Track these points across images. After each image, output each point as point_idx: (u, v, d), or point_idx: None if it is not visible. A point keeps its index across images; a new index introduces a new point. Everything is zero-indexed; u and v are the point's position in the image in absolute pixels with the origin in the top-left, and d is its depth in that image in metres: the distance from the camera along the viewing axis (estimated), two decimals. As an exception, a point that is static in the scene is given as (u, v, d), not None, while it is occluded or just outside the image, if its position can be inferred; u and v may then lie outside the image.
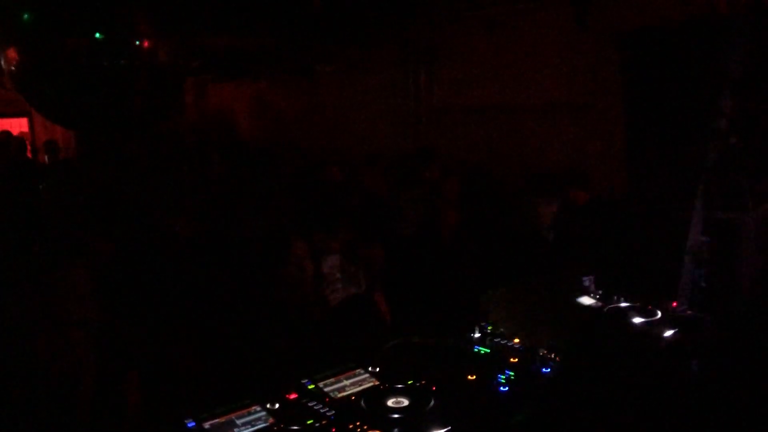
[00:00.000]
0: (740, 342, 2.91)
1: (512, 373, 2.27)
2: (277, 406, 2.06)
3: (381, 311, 3.09)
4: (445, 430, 1.94)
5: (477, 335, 2.62)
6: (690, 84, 4.54)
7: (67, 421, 2.32)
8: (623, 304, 2.92)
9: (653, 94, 4.77)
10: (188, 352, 3.19)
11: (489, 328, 2.69)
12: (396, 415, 1.99)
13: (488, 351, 2.49)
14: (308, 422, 1.97)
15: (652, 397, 2.41)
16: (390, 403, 2.06)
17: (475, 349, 2.50)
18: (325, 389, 2.18)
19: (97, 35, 3.21)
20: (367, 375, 2.29)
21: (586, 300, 3.08)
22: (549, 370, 2.29)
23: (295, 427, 1.94)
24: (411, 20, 7.27)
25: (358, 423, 1.96)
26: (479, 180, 5.84)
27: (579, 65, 5.83)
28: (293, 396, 2.14)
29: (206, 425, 1.95)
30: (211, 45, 6.96)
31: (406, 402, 2.06)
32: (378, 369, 2.34)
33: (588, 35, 5.66)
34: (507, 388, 2.17)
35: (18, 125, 11.09)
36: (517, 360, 2.39)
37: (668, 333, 2.67)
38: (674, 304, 2.93)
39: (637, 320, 2.70)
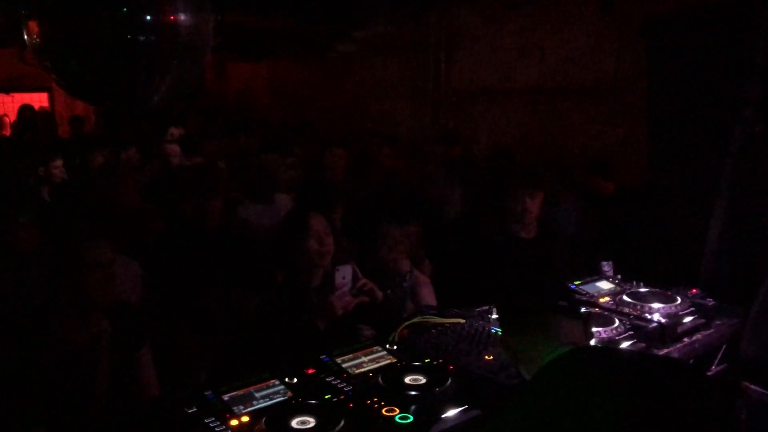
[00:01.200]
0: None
1: (530, 355, 2.26)
2: (295, 380, 2.08)
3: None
4: (462, 408, 1.94)
5: (494, 316, 2.62)
6: (716, 70, 4.48)
7: (84, 397, 2.36)
8: (642, 290, 2.90)
9: (678, 79, 4.71)
10: (204, 328, 3.22)
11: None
12: (413, 393, 2.00)
13: (506, 332, 2.48)
14: (326, 397, 1.99)
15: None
16: (407, 380, 2.07)
17: (493, 330, 2.50)
18: (343, 365, 2.20)
19: (123, 10, 3.22)
20: (384, 352, 2.31)
21: (604, 285, 3.07)
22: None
23: (313, 402, 1.96)
24: (431, 1, 7.21)
25: (375, 399, 1.97)
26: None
27: (601, 49, 5.76)
28: (311, 371, 2.16)
29: (225, 397, 1.97)
30: (230, 24, 6.96)
31: (423, 380, 2.07)
32: (395, 347, 2.35)
33: (611, 19, 5.58)
34: (524, 370, 2.16)
35: (38, 100, 11.17)
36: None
37: (687, 320, 2.66)
38: (694, 291, 2.91)
39: (657, 305, 2.68)
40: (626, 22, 5.40)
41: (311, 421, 1.84)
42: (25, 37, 4.30)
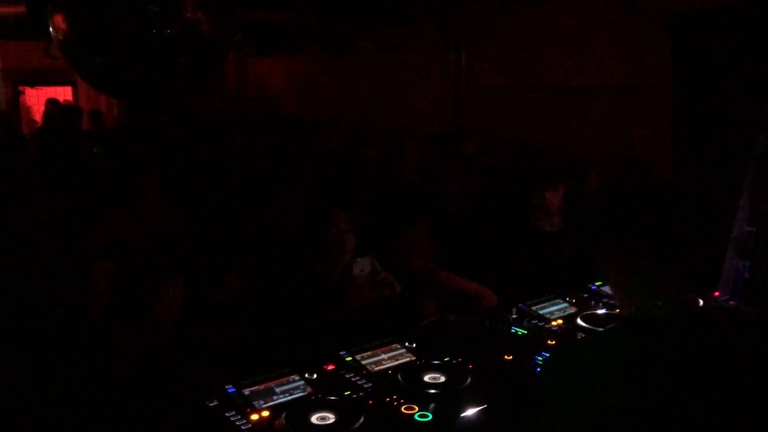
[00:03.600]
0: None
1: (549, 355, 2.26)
2: (315, 376, 2.10)
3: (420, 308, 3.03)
4: (481, 408, 1.94)
5: (514, 316, 2.61)
6: (741, 69, 4.42)
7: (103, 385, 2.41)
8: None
9: (703, 78, 4.65)
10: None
11: (527, 310, 2.69)
12: (432, 391, 2.00)
13: (525, 332, 2.48)
14: (345, 393, 2.00)
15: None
16: (426, 378, 2.07)
17: (512, 330, 2.49)
18: (363, 362, 2.21)
19: (149, 6, 3.25)
20: (403, 350, 2.31)
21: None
22: (587, 353, 2.28)
23: (332, 398, 1.97)
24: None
25: (394, 396, 1.97)
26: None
27: (625, 46, 5.70)
28: (331, 367, 2.17)
29: (246, 391, 1.99)
30: (251, 19, 6.98)
31: (442, 378, 2.07)
32: (415, 345, 2.35)
33: (636, 16, 5.52)
34: (544, 370, 2.16)
35: (62, 93, 11.32)
36: (554, 342, 2.38)
37: (709, 322, 2.63)
38: (716, 293, 2.88)
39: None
40: (651, 20, 5.33)
41: (331, 417, 1.85)
42: (50, 30, 4.36)
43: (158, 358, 2.70)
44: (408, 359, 2.25)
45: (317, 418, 1.85)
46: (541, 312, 2.69)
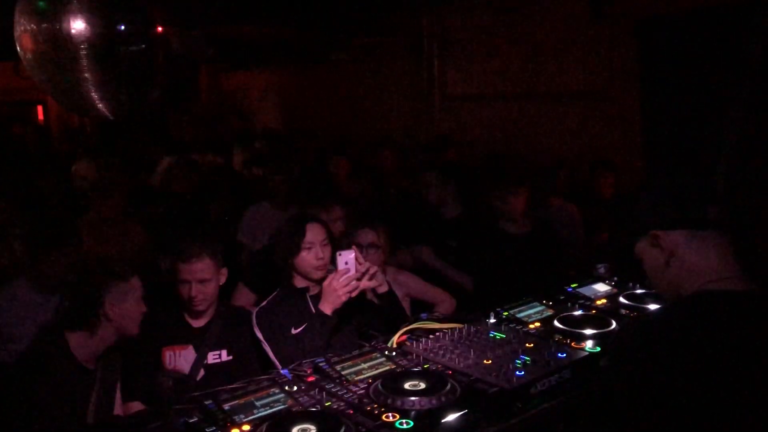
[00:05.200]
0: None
1: (528, 359, 2.27)
2: (295, 388, 2.09)
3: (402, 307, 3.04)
4: (462, 413, 1.95)
5: (492, 320, 2.63)
6: (708, 71, 4.51)
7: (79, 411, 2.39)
8: (638, 291, 2.91)
9: (671, 81, 4.74)
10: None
11: (504, 313, 2.71)
12: (413, 398, 2.00)
13: (503, 336, 2.50)
14: (326, 404, 2.00)
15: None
16: (407, 386, 2.07)
17: (491, 335, 2.51)
18: (343, 372, 2.20)
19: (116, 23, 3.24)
20: (383, 359, 2.31)
21: (601, 287, 3.08)
22: (564, 355, 2.30)
23: (313, 409, 1.97)
24: (425, 7, 7.25)
25: (375, 405, 1.97)
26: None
27: (595, 53, 5.80)
28: (311, 379, 2.17)
29: (226, 406, 1.97)
30: (225, 33, 6.97)
31: (422, 385, 2.07)
32: (394, 353, 2.36)
33: (604, 22, 5.62)
34: (522, 373, 2.17)
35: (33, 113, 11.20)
36: (532, 345, 2.40)
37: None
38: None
39: (653, 307, 2.69)
40: (618, 26, 5.43)
41: (312, 429, 1.84)
42: (19, 50, 4.32)
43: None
44: (388, 367, 2.25)
45: (298, 430, 1.84)
46: (518, 315, 2.71)
